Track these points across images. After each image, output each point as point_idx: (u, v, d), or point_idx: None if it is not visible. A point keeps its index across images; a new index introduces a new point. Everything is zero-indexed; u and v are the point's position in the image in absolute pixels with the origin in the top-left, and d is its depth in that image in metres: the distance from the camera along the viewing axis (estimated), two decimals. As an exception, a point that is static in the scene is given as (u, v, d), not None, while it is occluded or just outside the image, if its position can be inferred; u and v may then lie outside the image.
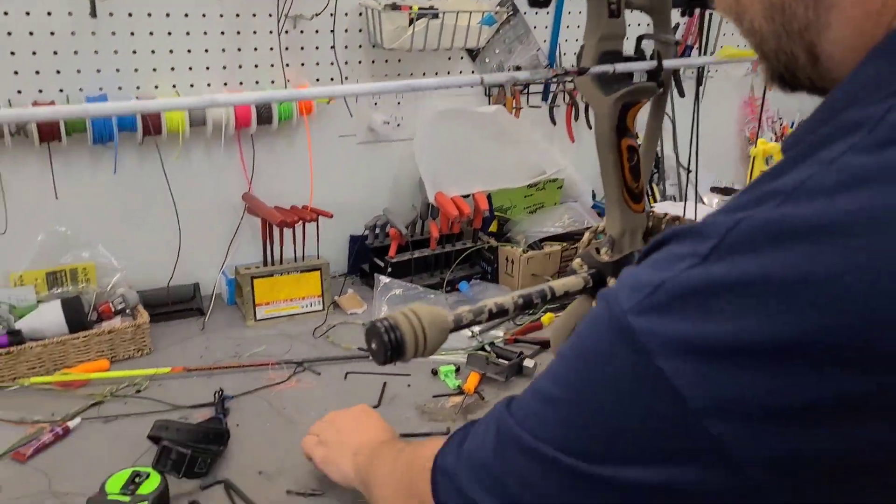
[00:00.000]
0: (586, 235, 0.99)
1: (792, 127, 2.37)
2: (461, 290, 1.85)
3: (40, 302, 1.49)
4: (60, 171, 1.52)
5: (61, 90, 1.47)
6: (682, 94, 0.93)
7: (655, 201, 2.16)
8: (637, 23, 1.16)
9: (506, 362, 1.49)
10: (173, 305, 1.68)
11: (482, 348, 1.53)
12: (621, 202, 0.92)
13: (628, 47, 0.91)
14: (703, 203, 2.22)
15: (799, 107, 2.57)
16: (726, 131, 2.47)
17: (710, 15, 1.90)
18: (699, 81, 2.29)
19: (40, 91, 1.46)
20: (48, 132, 1.43)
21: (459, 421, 1.34)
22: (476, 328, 1.61)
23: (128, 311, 1.54)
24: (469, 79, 0.78)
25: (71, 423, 1.25)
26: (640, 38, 0.91)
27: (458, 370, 1.50)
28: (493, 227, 1.97)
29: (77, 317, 1.45)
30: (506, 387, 1.46)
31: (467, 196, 1.85)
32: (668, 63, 0.90)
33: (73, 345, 1.42)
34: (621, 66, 0.87)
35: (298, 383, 1.44)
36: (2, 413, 1.29)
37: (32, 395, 1.35)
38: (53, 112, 0.58)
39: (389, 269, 1.81)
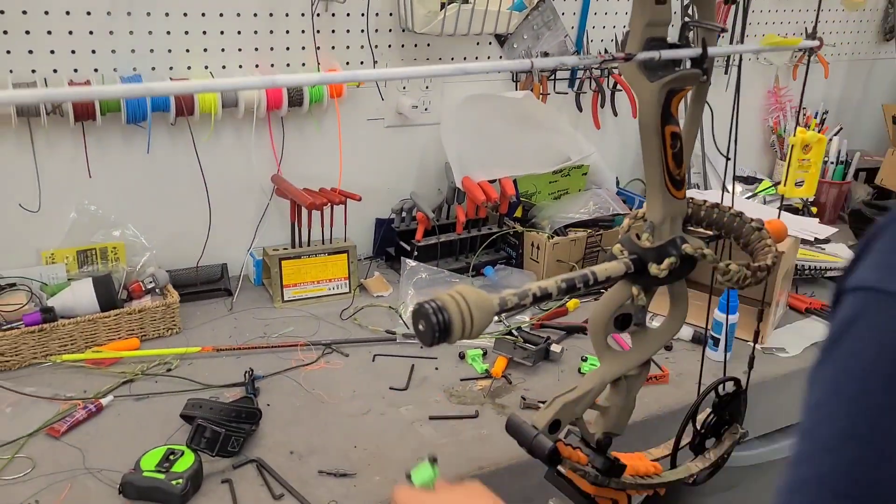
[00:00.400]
0: (626, 221, 0.99)
1: (816, 117, 2.35)
2: (486, 274, 1.86)
3: (71, 280, 1.51)
4: (94, 150, 1.53)
5: (96, 70, 1.49)
6: (708, 80, 0.93)
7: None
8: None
9: (533, 347, 1.50)
10: (202, 285, 1.70)
11: (509, 333, 1.54)
12: (663, 188, 0.92)
13: (673, 34, 0.91)
14: (727, 191, 2.21)
15: (823, 97, 2.55)
16: (750, 120, 2.46)
17: (749, 1, 1.88)
18: (726, 70, 2.28)
19: (76, 70, 1.47)
20: (83, 112, 1.44)
21: (487, 404, 1.35)
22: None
23: (157, 290, 1.56)
24: (519, 64, 0.78)
25: (104, 401, 1.27)
26: (684, 25, 0.91)
27: (485, 354, 1.51)
28: (518, 213, 1.97)
29: (108, 295, 1.46)
30: (533, 371, 1.47)
31: (494, 181, 1.86)
32: (713, 51, 0.90)
33: (104, 323, 1.44)
34: (667, 53, 0.86)
35: (327, 364, 1.46)
36: (35, 389, 1.31)
37: (64, 372, 1.38)
38: (127, 90, 0.57)
39: (416, 253, 1.82)
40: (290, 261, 1.69)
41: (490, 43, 1.91)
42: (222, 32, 1.58)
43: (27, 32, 1.41)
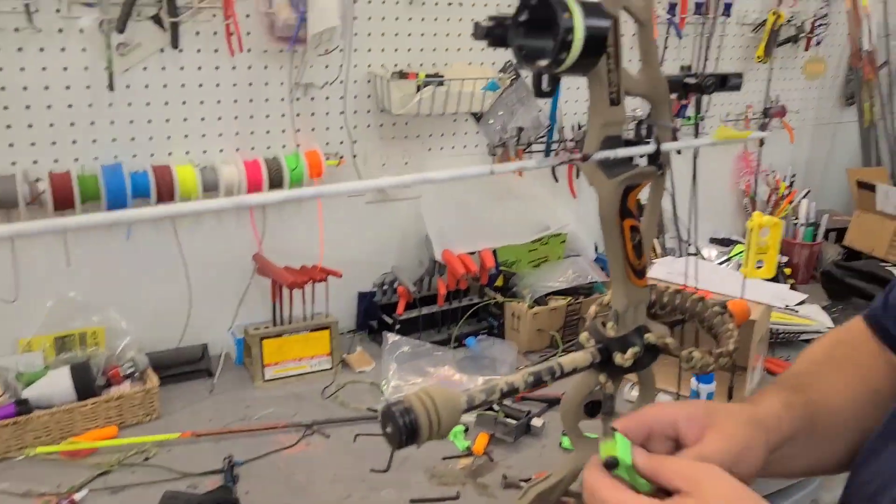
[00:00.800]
0: (592, 308, 1.01)
1: (784, 180, 2.42)
2: (468, 345, 1.87)
3: (48, 368, 1.51)
4: (73, 238, 1.55)
5: (76, 159, 1.52)
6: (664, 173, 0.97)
7: (657, 256, 2.19)
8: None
9: (514, 422, 1.51)
10: (182, 367, 1.70)
11: (490, 407, 1.55)
12: (625, 278, 0.95)
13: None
14: (703, 256, 2.26)
15: (791, 160, 2.62)
16: (722, 183, 2.52)
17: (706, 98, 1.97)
18: (696, 134, 2.34)
19: (56, 161, 1.50)
20: (62, 201, 1.47)
21: (469, 484, 1.35)
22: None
23: (137, 374, 1.56)
24: (478, 170, 0.81)
25: (77, 496, 1.25)
26: (639, 123, 0.95)
27: (466, 430, 1.51)
28: (499, 282, 2.00)
29: (85, 383, 1.46)
30: (514, 447, 1.48)
31: (473, 253, 1.89)
32: (667, 146, 0.94)
33: (80, 412, 1.44)
34: (622, 152, 0.90)
35: (308, 447, 1.46)
36: (8, 485, 1.28)
37: (39, 465, 1.35)
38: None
39: (398, 326, 1.84)
40: (271, 339, 1.70)
41: (466, 119, 1.97)
42: (203, 119, 1.62)
43: (8, 126, 1.44)
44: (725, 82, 1.06)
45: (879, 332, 0.87)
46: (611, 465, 0.71)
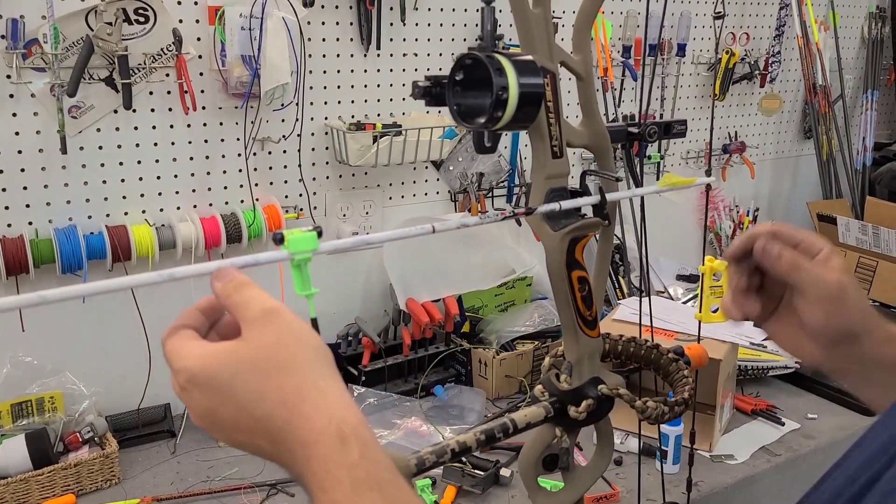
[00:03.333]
0: (546, 360, 1.01)
1: (748, 215, 2.45)
2: (436, 394, 1.85)
3: (4, 436, 1.47)
4: (29, 302, 1.52)
5: (30, 223, 1.50)
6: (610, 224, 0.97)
7: (623, 296, 2.19)
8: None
9: (482, 473, 1.48)
10: (144, 428, 1.66)
11: (458, 459, 1.52)
12: (577, 329, 0.94)
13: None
14: (668, 294, 2.27)
15: (753, 195, 2.66)
16: (687, 220, 2.55)
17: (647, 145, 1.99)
18: (658, 176, 2.38)
19: (9, 225, 1.48)
20: (15, 266, 1.45)
21: (436, 541, 1.32)
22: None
23: (96, 439, 1.52)
24: (420, 230, 0.81)
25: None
26: (583, 175, 0.96)
27: (434, 483, 1.49)
28: (465, 328, 1.99)
29: (41, 451, 1.42)
30: (483, 499, 1.45)
31: (438, 300, 1.88)
32: (611, 196, 0.95)
33: (36, 482, 1.39)
34: (567, 204, 0.91)
35: (271, 508, 1.42)
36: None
37: (-5, 537, 1.32)
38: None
39: (363, 378, 1.81)
40: (234, 397, 1.67)
41: (427, 167, 1.97)
42: (159, 177, 1.61)
43: (-41, 193, 1.43)
44: (669, 130, 1.07)
45: None
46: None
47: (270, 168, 1.74)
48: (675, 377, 1.01)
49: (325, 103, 1.77)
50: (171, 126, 1.60)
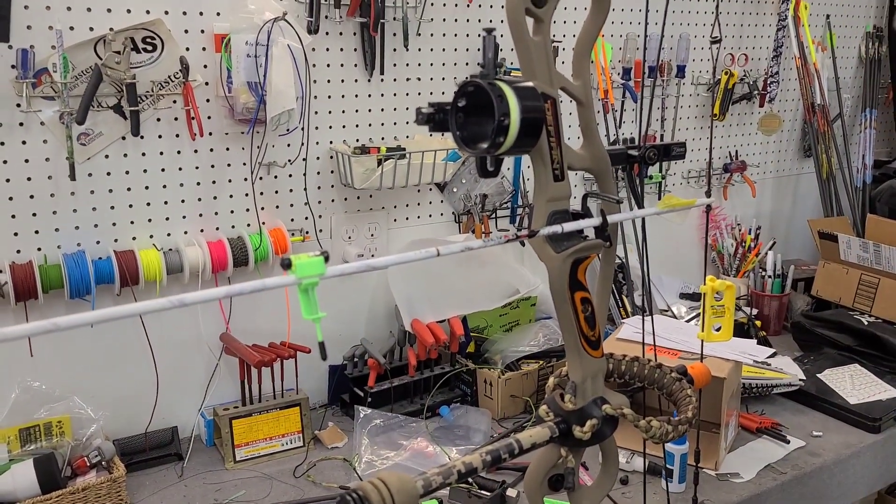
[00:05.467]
0: (551, 380, 1.02)
1: (750, 233, 2.46)
2: (442, 414, 1.86)
3: (13, 461, 1.48)
4: (38, 327, 1.53)
5: (39, 249, 1.52)
6: (611, 245, 0.99)
7: (627, 315, 2.20)
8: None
9: (488, 494, 1.48)
10: (151, 452, 1.67)
11: (464, 480, 1.52)
12: (580, 350, 0.96)
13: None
14: (672, 312, 2.27)
15: (755, 213, 2.68)
16: (690, 237, 2.56)
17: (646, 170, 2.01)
18: (660, 196, 2.40)
19: (18, 252, 1.50)
20: (25, 291, 1.46)
21: (443, 563, 1.32)
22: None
23: (103, 463, 1.53)
24: (424, 253, 0.83)
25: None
26: (585, 197, 0.97)
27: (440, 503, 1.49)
28: (470, 348, 2.00)
29: (49, 475, 1.43)
30: (489, 520, 1.45)
31: (443, 321, 1.89)
32: (613, 218, 0.96)
33: (46, 506, 1.40)
34: (569, 226, 0.92)
35: (278, 531, 1.42)
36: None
37: (4, 562, 1.33)
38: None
39: (369, 399, 1.82)
40: (241, 419, 1.68)
41: (431, 189, 2.00)
42: (166, 203, 1.64)
43: (-33, 220, 1.45)
44: (668, 152, 1.09)
45: None
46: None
47: (276, 192, 1.76)
48: (679, 396, 1.02)
49: (330, 128, 1.80)
50: (179, 152, 1.62)
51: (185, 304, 0.69)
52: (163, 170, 1.62)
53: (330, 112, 1.79)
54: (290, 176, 1.77)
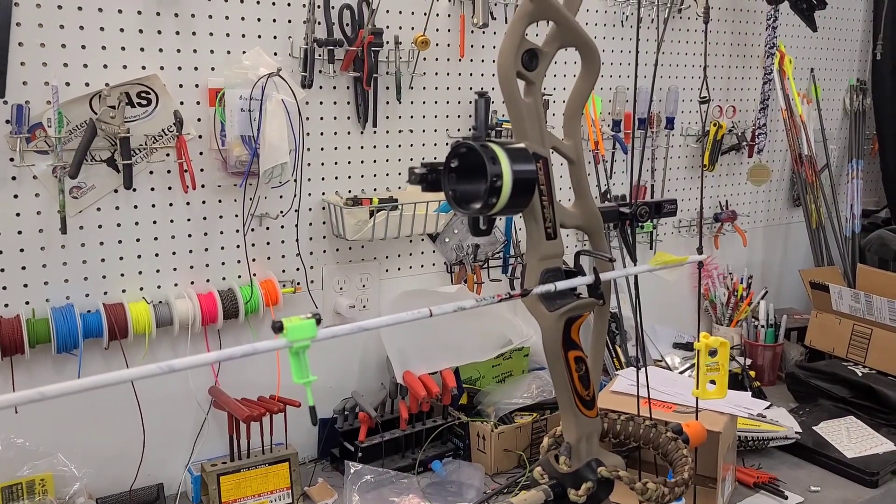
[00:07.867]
0: (545, 440, 1.01)
1: (742, 282, 2.46)
2: (434, 469, 1.82)
3: (-6, 521, 1.44)
4: (22, 384, 1.51)
5: (27, 302, 1.50)
6: (605, 303, 0.98)
7: (620, 365, 2.19)
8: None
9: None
10: (136, 510, 1.63)
11: (456, 540, 1.49)
12: (574, 410, 0.94)
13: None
14: (665, 363, 2.26)
15: (746, 262, 2.69)
16: (683, 287, 2.56)
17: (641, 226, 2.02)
18: (651, 246, 2.41)
19: (6, 305, 1.48)
20: (11, 346, 1.44)
21: None
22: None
23: (87, 523, 1.49)
24: (417, 314, 0.82)
25: None
26: (577, 255, 0.97)
27: (432, 565, 1.45)
28: (463, 400, 1.97)
29: (33, 536, 1.39)
30: (482, 581, 1.41)
31: (435, 373, 1.87)
32: (605, 276, 0.96)
33: (27, 568, 1.36)
34: (562, 284, 0.92)
35: None
36: None
37: None
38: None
39: (360, 454, 1.79)
40: (228, 475, 1.64)
41: (423, 239, 2.00)
42: (157, 255, 1.63)
43: (-44, 274, 1.43)
44: (660, 210, 1.09)
45: None
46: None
47: (268, 243, 1.76)
48: (675, 456, 1.00)
49: (323, 179, 1.81)
50: (171, 204, 1.62)
51: (175, 370, 0.68)
52: (154, 222, 1.61)
53: (323, 164, 1.80)
54: (282, 227, 1.77)
